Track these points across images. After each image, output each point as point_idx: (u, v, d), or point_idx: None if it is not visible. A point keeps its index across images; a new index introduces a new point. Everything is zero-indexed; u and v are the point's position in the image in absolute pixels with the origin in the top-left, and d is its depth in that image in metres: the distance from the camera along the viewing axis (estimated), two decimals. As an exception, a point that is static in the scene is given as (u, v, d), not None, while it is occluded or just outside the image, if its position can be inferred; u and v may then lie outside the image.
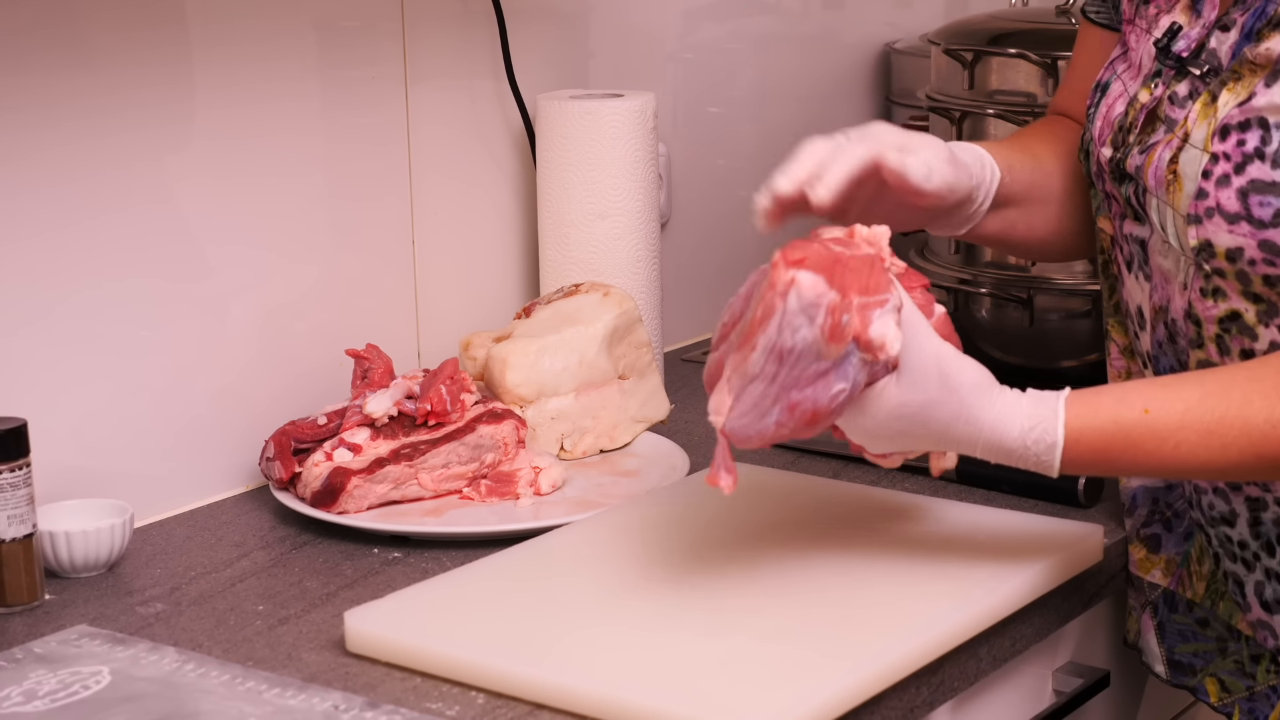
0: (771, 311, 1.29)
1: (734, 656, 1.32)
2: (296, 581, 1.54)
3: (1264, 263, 1.37)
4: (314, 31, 1.79)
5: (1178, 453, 1.34)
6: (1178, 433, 1.34)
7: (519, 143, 2.02)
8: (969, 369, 1.35)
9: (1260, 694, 1.56)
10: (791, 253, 1.29)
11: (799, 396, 1.31)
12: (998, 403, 1.35)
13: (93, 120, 1.61)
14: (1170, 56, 1.46)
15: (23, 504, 1.48)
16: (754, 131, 2.37)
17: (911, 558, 1.50)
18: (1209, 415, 1.33)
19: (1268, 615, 1.52)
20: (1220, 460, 1.34)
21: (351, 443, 1.66)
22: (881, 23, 2.58)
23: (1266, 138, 1.36)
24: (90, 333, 1.63)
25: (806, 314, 1.28)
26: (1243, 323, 1.42)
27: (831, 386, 1.30)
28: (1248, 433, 1.33)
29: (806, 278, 1.28)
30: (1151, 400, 1.35)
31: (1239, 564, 1.53)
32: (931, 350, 1.33)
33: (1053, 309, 2.05)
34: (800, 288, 1.28)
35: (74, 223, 1.61)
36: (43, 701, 1.30)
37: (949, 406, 1.33)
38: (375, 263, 1.88)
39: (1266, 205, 1.36)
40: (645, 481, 1.74)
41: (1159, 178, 1.44)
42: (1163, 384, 1.37)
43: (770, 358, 1.29)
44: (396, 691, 1.33)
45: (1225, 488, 1.50)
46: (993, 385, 1.35)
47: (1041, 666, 1.60)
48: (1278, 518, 1.48)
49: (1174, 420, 1.34)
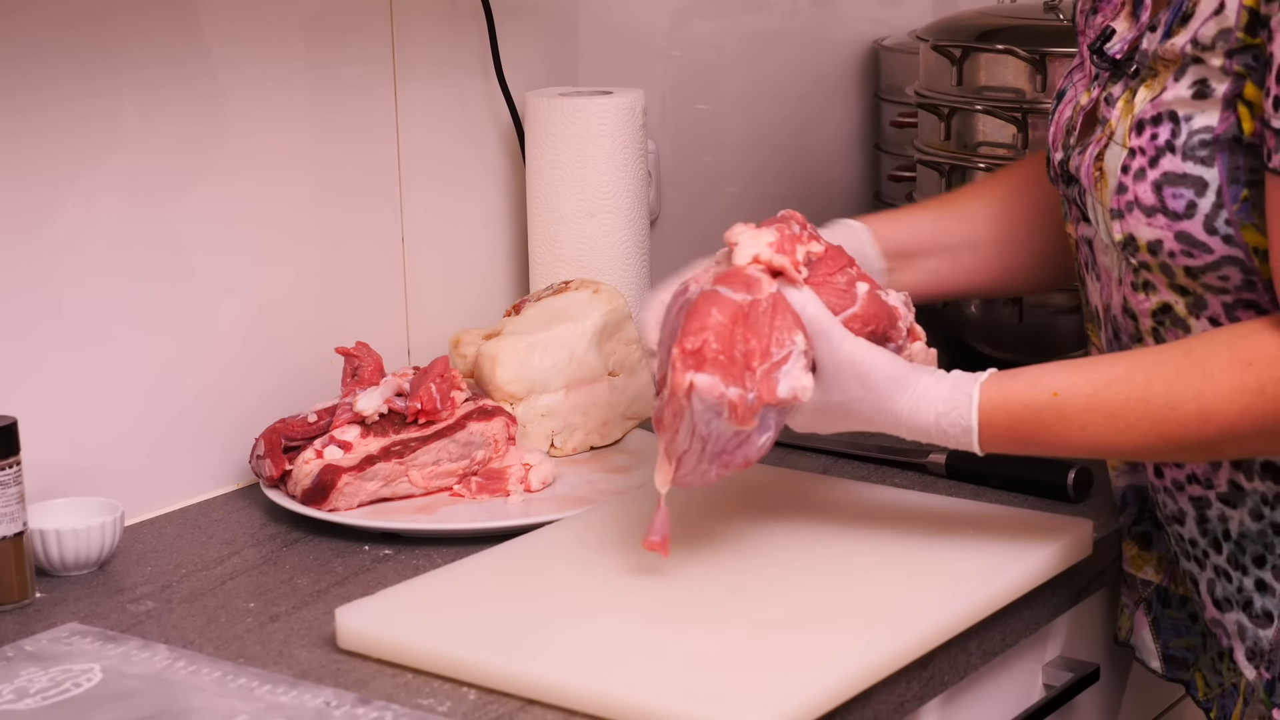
0: (680, 412, 1.38)
1: (724, 651, 1.32)
2: (287, 579, 1.54)
3: (1182, 254, 1.39)
4: (303, 30, 1.80)
5: (1085, 434, 1.39)
6: (1084, 414, 1.38)
7: (508, 140, 2.02)
8: (883, 364, 1.42)
9: (1227, 690, 1.57)
10: (688, 344, 1.37)
11: (729, 457, 1.41)
12: (912, 392, 1.41)
13: (80, 120, 1.61)
14: (1104, 58, 1.48)
15: (13, 502, 1.48)
16: (743, 128, 2.37)
17: (901, 552, 1.51)
18: (1114, 398, 1.38)
19: (1219, 614, 1.52)
20: (1125, 441, 1.38)
21: (342, 440, 1.66)
22: (870, 19, 2.58)
23: (1176, 130, 1.38)
24: (81, 331, 1.63)
25: (712, 410, 1.37)
26: (1174, 314, 1.44)
27: (756, 442, 1.40)
28: (1149, 415, 1.37)
29: (703, 381, 1.36)
30: (1061, 384, 1.40)
31: (1192, 562, 1.54)
32: (846, 354, 1.41)
33: (1042, 304, 2.05)
34: (699, 392, 1.36)
35: (63, 222, 1.61)
36: (34, 699, 1.30)
37: (868, 401, 1.42)
38: (365, 260, 1.88)
39: (1179, 197, 1.38)
40: (636, 478, 1.74)
41: (1089, 175, 1.46)
42: (1074, 367, 1.41)
43: (694, 439, 1.40)
44: (388, 688, 1.33)
45: (1171, 487, 1.51)
46: (908, 376, 1.42)
47: (1031, 661, 1.61)
48: (1221, 515, 1.49)
49: (1080, 403, 1.39)
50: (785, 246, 1.43)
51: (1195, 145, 1.37)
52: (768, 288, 1.40)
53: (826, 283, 1.45)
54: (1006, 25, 2.13)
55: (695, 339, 1.37)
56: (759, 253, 1.42)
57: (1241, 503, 1.47)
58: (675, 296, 1.45)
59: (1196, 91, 1.37)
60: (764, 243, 1.43)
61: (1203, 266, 1.39)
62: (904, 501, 1.63)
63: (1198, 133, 1.37)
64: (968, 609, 1.43)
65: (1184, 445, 1.37)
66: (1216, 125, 1.36)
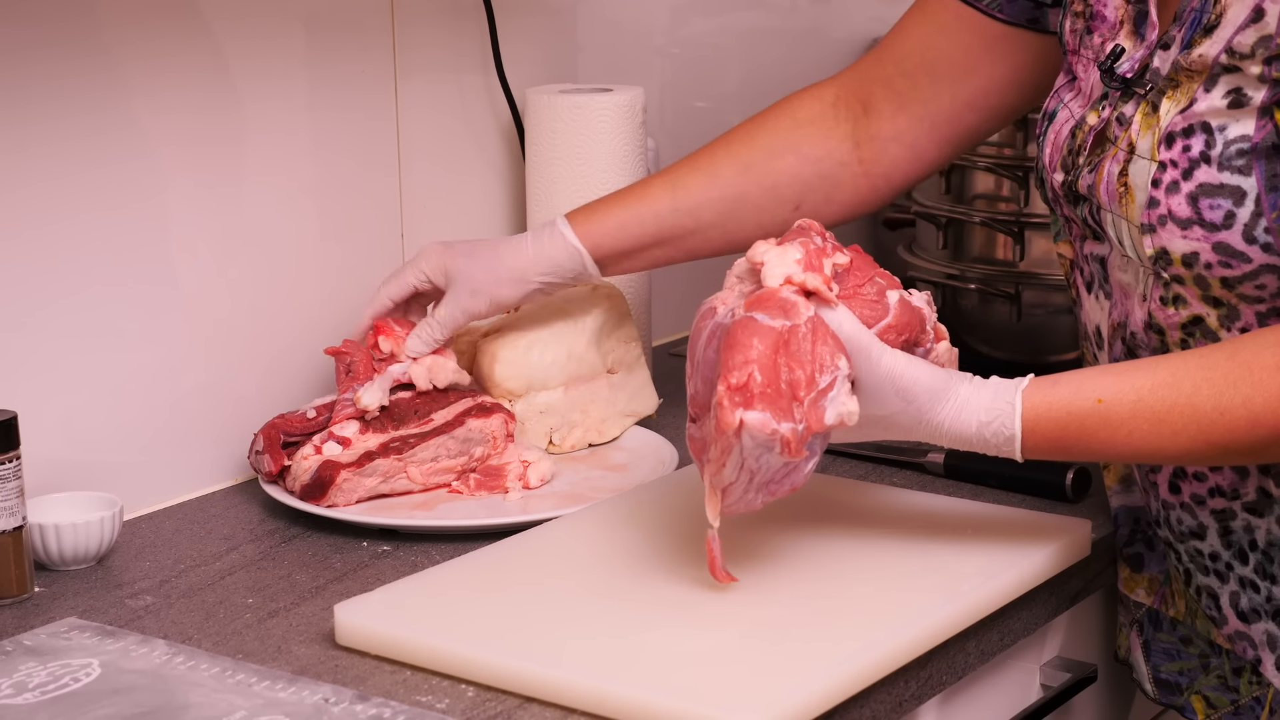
0: (729, 450, 1.35)
1: (723, 650, 1.33)
2: (286, 574, 1.54)
3: (1220, 265, 1.38)
4: (303, 26, 1.79)
5: (1130, 440, 1.37)
6: (1129, 421, 1.37)
7: (508, 137, 2.02)
8: (923, 378, 1.39)
9: (1245, 706, 1.55)
10: (733, 379, 1.33)
11: (776, 486, 1.39)
12: (953, 403, 1.40)
13: (80, 118, 1.61)
14: (1115, 78, 1.47)
15: (12, 496, 1.48)
16: (742, 126, 2.37)
17: (899, 552, 1.51)
18: (1160, 404, 1.36)
19: (1245, 625, 1.52)
20: (1171, 447, 1.37)
21: (340, 436, 1.66)
22: (868, 17, 2.58)
23: (1210, 141, 1.37)
24: (80, 326, 1.63)
25: (764, 446, 1.34)
26: (1205, 327, 1.43)
27: (803, 470, 1.38)
28: (1196, 420, 1.35)
29: (754, 419, 1.33)
30: (1105, 390, 1.38)
31: (1212, 576, 1.53)
32: (885, 370, 1.39)
33: (1040, 304, 2.06)
34: (750, 430, 1.33)
35: (62, 218, 1.61)
36: (33, 694, 1.30)
37: (908, 414, 1.40)
38: (364, 256, 1.88)
39: (1217, 208, 1.37)
40: (634, 475, 1.74)
41: (1111, 192, 1.45)
42: (1118, 372, 1.39)
43: (742, 473, 1.37)
44: (386, 684, 1.33)
45: (1190, 503, 1.51)
46: (948, 386, 1.40)
47: (1029, 661, 1.61)
48: (1247, 525, 1.48)
49: (1126, 410, 1.37)
50: (814, 263, 1.39)
51: (1232, 155, 1.36)
52: (805, 311, 1.36)
53: (857, 295, 1.42)
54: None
55: (740, 374, 1.33)
56: (790, 273, 1.38)
57: (1269, 510, 1.47)
58: (701, 317, 1.43)
59: (1232, 101, 1.36)
60: (792, 260, 1.38)
61: (1240, 276, 1.38)
62: (902, 501, 1.63)
63: (1234, 142, 1.36)
64: (966, 609, 1.43)
65: (1231, 450, 1.36)
66: (1254, 134, 1.36)
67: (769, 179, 1.73)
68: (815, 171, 1.73)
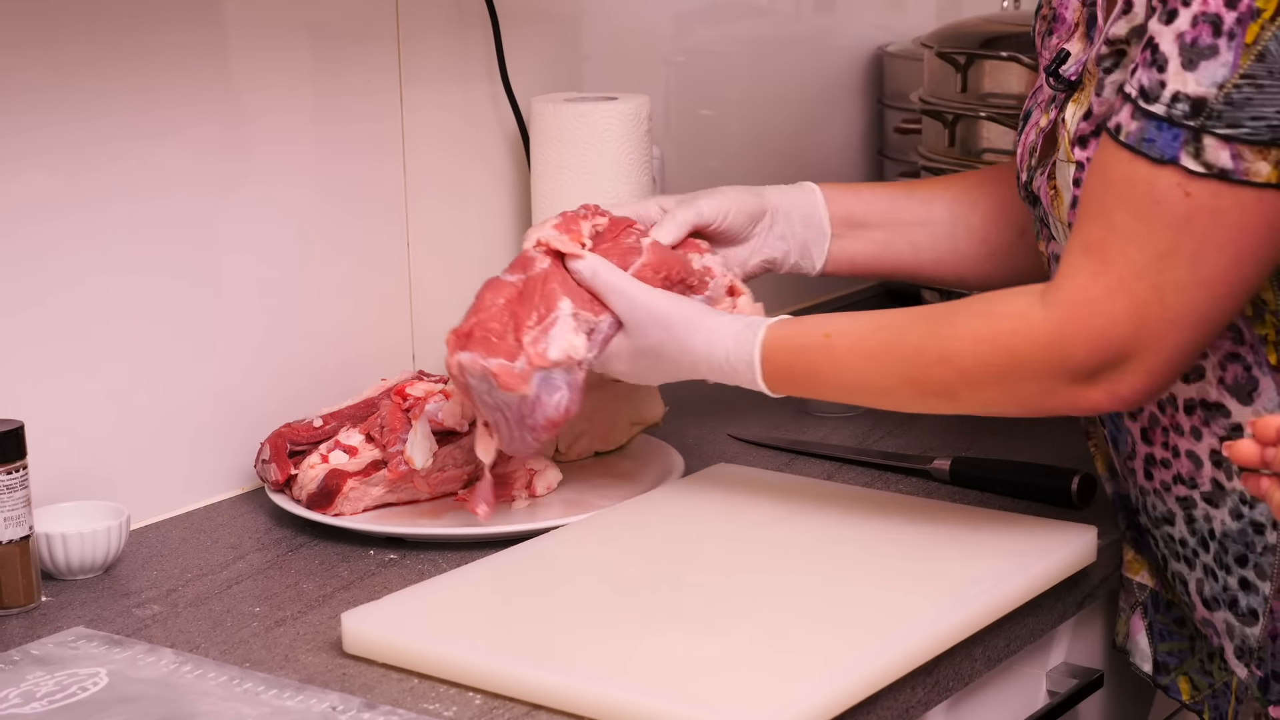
0: (466, 390, 1.54)
1: (730, 657, 1.33)
2: (293, 583, 1.54)
3: None
4: (308, 36, 1.80)
5: (847, 374, 1.48)
6: (846, 356, 1.48)
7: (513, 145, 2.03)
8: (679, 308, 1.54)
9: (1219, 690, 1.58)
10: (461, 328, 1.53)
11: (532, 421, 1.53)
12: (707, 331, 1.52)
13: (89, 123, 1.61)
14: (1060, 80, 1.48)
15: (20, 506, 1.48)
16: (747, 134, 2.37)
17: (906, 559, 1.51)
18: (874, 343, 1.47)
19: (1209, 613, 1.53)
20: (881, 382, 1.47)
21: (347, 445, 1.66)
22: (874, 25, 2.58)
23: None
24: (87, 335, 1.63)
25: (484, 382, 1.52)
26: None
27: (550, 402, 1.53)
28: (901, 358, 1.45)
29: (465, 357, 1.52)
30: (835, 327, 1.50)
31: (1182, 563, 1.54)
32: (643, 301, 1.54)
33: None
34: (466, 368, 1.52)
35: (71, 226, 1.61)
36: (41, 703, 1.30)
37: (670, 343, 1.54)
38: (370, 265, 1.89)
39: None
40: (640, 483, 1.74)
41: (1045, 193, 1.48)
42: (854, 315, 1.51)
43: (491, 410, 1.54)
44: (394, 692, 1.33)
45: (1160, 488, 1.52)
46: (703, 316, 1.54)
47: (1036, 667, 1.61)
48: (1206, 514, 1.49)
49: (846, 346, 1.48)
50: (569, 227, 1.58)
51: None
52: (540, 264, 1.55)
53: (615, 245, 1.58)
54: (1011, 32, 2.14)
55: (467, 323, 1.53)
56: (540, 235, 1.57)
57: (1223, 502, 1.48)
58: None
59: (1117, 92, 1.39)
60: (549, 227, 1.57)
61: None
62: (908, 508, 1.63)
63: None
64: (972, 615, 1.43)
65: (926, 389, 1.44)
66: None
67: (998, 197, 1.73)
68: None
